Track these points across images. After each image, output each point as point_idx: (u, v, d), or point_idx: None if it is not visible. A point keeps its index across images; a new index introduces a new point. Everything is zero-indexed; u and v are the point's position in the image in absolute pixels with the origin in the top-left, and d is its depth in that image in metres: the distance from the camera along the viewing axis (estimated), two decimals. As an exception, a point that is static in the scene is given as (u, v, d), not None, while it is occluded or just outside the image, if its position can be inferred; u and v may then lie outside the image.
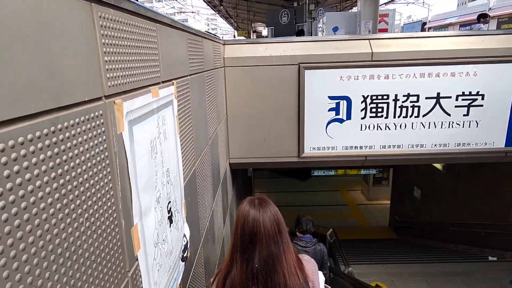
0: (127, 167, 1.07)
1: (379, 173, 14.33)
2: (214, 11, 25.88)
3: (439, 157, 4.50)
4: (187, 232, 1.95)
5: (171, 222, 1.61)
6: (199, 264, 2.35)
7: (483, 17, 7.17)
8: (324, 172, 13.34)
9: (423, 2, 28.46)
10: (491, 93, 4.27)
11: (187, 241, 1.92)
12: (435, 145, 4.45)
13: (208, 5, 21.85)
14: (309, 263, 1.36)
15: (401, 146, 4.46)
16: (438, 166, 9.29)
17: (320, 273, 1.39)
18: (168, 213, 1.57)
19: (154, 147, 1.35)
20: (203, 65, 2.66)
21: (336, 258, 6.06)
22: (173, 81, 1.71)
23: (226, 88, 4.26)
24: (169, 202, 1.60)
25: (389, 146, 4.45)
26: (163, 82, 1.54)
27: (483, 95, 4.28)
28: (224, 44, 4.24)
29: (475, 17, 8.14)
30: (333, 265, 6.32)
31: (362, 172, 13.18)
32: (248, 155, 4.52)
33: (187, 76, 2.07)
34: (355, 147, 4.46)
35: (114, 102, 0.99)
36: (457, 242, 8.56)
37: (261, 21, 26.19)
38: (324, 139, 4.44)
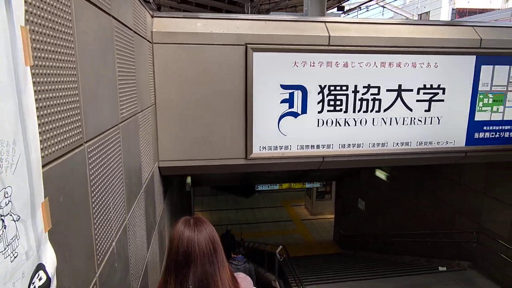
0: None
1: (323, 187, 14.15)
2: None
3: (400, 157, 4.04)
4: (49, 259, 1.00)
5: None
6: (90, 314, 1.38)
7: None
8: (268, 187, 12.71)
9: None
10: (452, 86, 3.97)
11: (48, 279, 0.97)
12: (397, 143, 3.99)
13: None
14: (244, 280, 1.35)
15: (362, 145, 3.91)
16: (382, 176, 9.20)
17: None
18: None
19: None
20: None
21: (288, 279, 5.31)
22: None
23: (154, 71, 3.35)
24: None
25: (349, 145, 3.88)
26: None
27: (444, 89, 3.96)
28: (153, 17, 3.36)
29: None
30: (283, 288, 5.54)
31: (307, 185, 12.83)
32: (184, 157, 3.60)
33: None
34: (311, 146, 3.80)
35: None
36: (404, 253, 8.38)
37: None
38: (276, 136, 3.72)
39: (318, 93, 3.71)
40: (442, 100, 3.99)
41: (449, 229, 7.06)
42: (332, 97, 3.74)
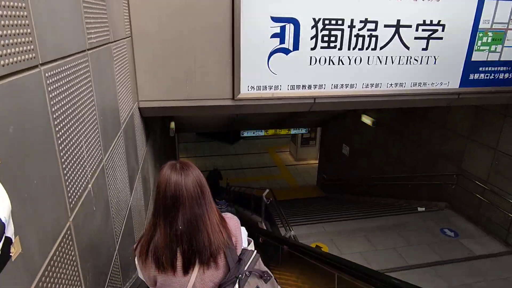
0: None
1: (308, 133, 14.18)
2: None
3: (393, 99, 3.90)
4: (2, 204, 0.81)
5: None
6: (67, 262, 1.24)
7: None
8: (254, 133, 12.63)
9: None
10: (452, 23, 3.72)
11: (2, 223, 0.79)
12: (391, 84, 3.81)
13: None
14: (231, 220, 1.37)
15: (355, 85, 3.72)
16: (368, 121, 9.19)
17: (243, 228, 1.41)
18: None
19: None
20: None
21: (275, 221, 5.42)
22: None
23: (128, -3, 2.93)
24: None
25: (342, 86, 3.68)
26: None
27: (443, 26, 3.71)
28: None
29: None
30: (270, 229, 5.66)
31: (292, 131, 12.81)
32: (165, 97, 3.33)
33: None
34: (303, 86, 3.58)
35: None
36: (385, 196, 8.69)
37: None
38: (266, 75, 3.46)
39: (312, 27, 3.40)
40: (441, 38, 3.75)
41: (430, 172, 7.24)
42: (327, 32, 3.44)
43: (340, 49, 3.54)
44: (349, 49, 3.56)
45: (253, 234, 4.75)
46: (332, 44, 3.50)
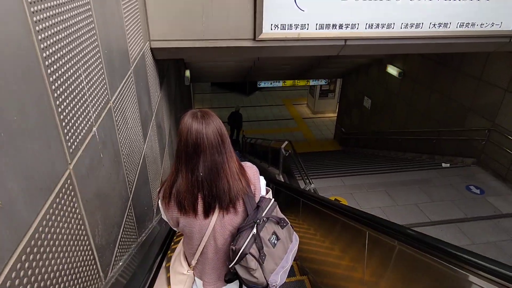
0: None
1: (327, 84, 13.58)
2: None
3: (436, 42, 3.44)
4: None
5: None
6: (69, 216, 1.06)
7: None
8: (271, 84, 12.15)
9: None
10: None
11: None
12: (434, 25, 3.34)
13: None
14: (251, 169, 1.39)
15: (392, 25, 3.27)
16: (394, 72, 8.60)
17: (262, 177, 1.42)
18: None
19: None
20: None
21: (294, 174, 5.25)
22: None
23: None
24: None
25: (377, 26, 3.24)
26: None
27: (505, -48, 3.12)
28: None
29: None
30: (288, 182, 5.53)
31: (311, 82, 12.26)
32: (179, 36, 3.00)
33: None
34: (333, 25, 3.16)
35: None
36: (406, 151, 8.38)
37: None
38: (292, 12, 3.05)
39: (347, -47, 2.90)
40: (499, -32, 3.19)
41: (458, 126, 6.82)
42: (364, -40, 2.95)
43: (379, -20, 3.06)
44: (389, -20, 3.07)
45: (272, 187, 4.62)
46: (369, -25, 3.02)
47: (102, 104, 1.50)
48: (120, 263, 1.62)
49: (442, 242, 1.42)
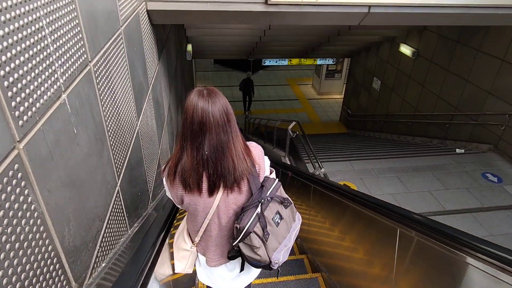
0: None
1: (334, 64, 13.07)
2: None
3: (469, 12, 3.02)
4: None
5: None
6: (22, 209, 0.74)
7: None
8: (276, 62, 11.66)
9: None
10: None
11: None
12: (471, -9, 2.92)
13: None
14: (255, 149, 1.38)
15: (423, -9, 2.85)
16: (408, 51, 8.12)
17: (266, 157, 1.42)
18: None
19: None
20: None
21: (301, 157, 4.92)
22: None
23: None
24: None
25: (406, -9, 2.82)
26: None
27: None
28: None
29: None
30: (294, 164, 5.22)
31: (318, 61, 11.77)
32: (179, -3, 2.60)
33: None
34: (356, -11, 2.75)
35: None
36: (418, 135, 8.03)
37: None
38: (310, -29, 2.63)
39: None
40: None
41: (475, 110, 6.44)
42: None
43: None
44: None
45: (278, 170, 4.32)
46: None
47: (76, 65, 1.16)
48: (103, 264, 1.32)
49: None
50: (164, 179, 1.35)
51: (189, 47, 7.63)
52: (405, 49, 8.24)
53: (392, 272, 1.67)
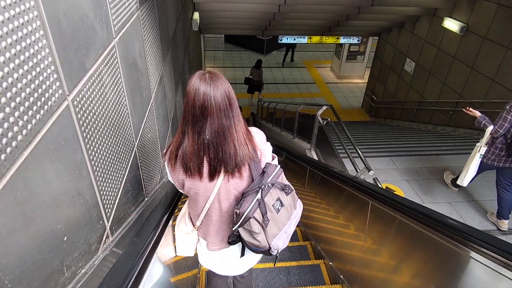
0: None
1: (359, 44, 11.75)
2: None
3: None
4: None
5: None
6: None
7: None
8: (294, 39, 10.40)
9: None
10: None
11: None
12: None
13: None
14: (257, 134, 1.37)
15: None
16: (454, 27, 6.83)
17: (268, 143, 1.41)
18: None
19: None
20: None
21: (334, 147, 3.73)
22: None
23: None
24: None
25: None
26: None
27: None
28: None
29: None
30: (322, 160, 4.12)
31: (342, 40, 10.46)
32: None
33: None
34: None
35: None
36: (459, 126, 6.84)
37: None
38: None
39: None
40: None
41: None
42: None
43: None
44: None
45: (305, 169, 3.23)
46: None
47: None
48: None
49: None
50: (165, 163, 1.34)
51: (196, 15, 6.49)
52: (451, 24, 6.94)
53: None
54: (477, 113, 3.38)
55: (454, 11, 6.98)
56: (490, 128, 3.13)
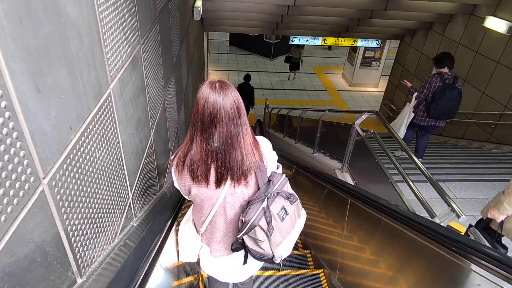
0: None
1: (377, 48, 10.77)
2: None
3: None
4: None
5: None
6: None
7: None
8: (307, 41, 9.42)
9: None
10: None
11: None
12: None
13: None
14: (264, 143, 1.39)
15: None
16: (501, 26, 5.83)
17: (274, 152, 1.43)
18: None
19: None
20: None
21: (389, 176, 2.66)
22: None
23: None
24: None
25: None
26: None
27: None
28: None
29: None
30: (360, 186, 3.07)
31: (359, 43, 9.48)
32: None
33: None
34: None
35: None
36: (503, 143, 5.81)
37: None
38: None
39: None
40: None
41: None
42: None
43: None
44: None
45: (344, 202, 2.18)
46: None
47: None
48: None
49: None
50: (172, 170, 1.36)
51: (199, 3, 5.52)
52: (496, 23, 5.94)
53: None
54: (409, 84, 4.74)
55: (499, 8, 6.00)
56: (415, 94, 4.33)
